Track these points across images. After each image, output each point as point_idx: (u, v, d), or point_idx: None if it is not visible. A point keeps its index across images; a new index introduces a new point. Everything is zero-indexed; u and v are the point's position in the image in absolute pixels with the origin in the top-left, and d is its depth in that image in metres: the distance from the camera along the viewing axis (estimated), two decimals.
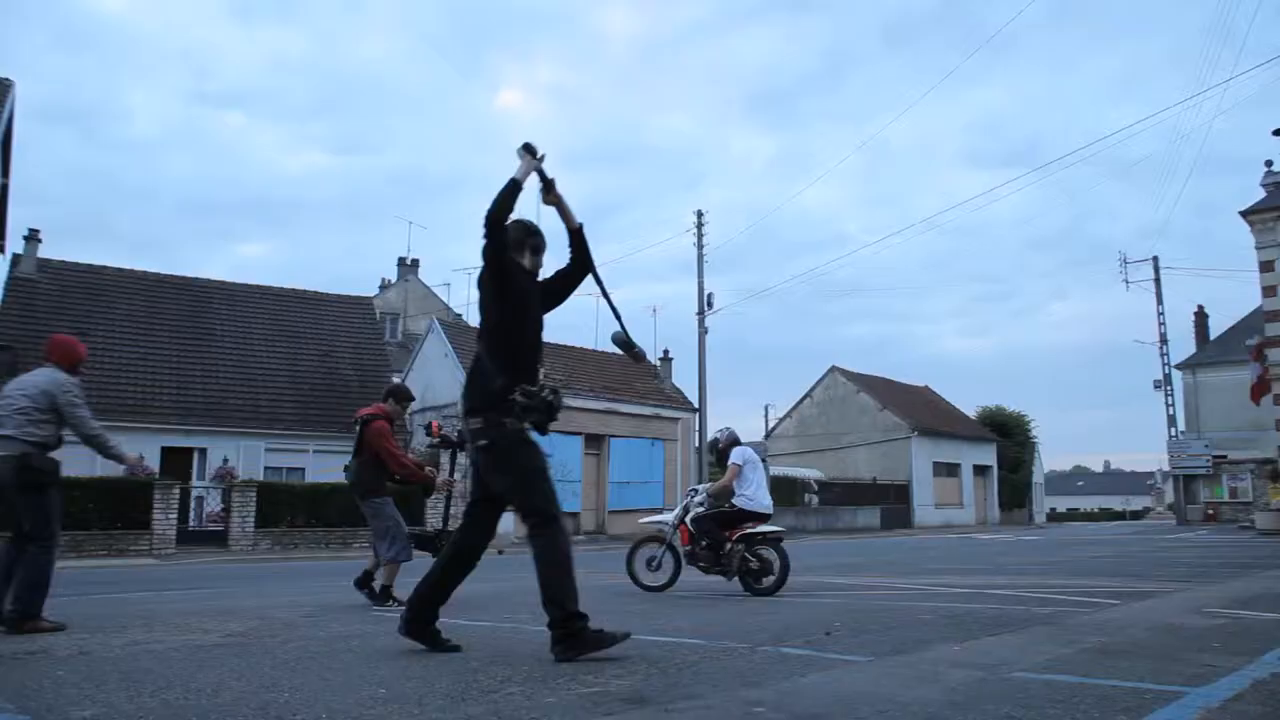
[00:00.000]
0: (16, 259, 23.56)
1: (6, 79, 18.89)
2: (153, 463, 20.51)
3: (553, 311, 4.48)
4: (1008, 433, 47.48)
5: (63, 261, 24.95)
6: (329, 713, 2.92)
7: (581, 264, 4.45)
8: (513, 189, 4.09)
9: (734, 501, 7.86)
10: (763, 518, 7.82)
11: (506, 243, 4.11)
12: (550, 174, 4.33)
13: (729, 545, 7.60)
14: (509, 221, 4.12)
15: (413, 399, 8.82)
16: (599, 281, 4.56)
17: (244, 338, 25.89)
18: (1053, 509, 67.79)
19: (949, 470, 42.31)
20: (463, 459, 7.26)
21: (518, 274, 4.17)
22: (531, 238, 4.26)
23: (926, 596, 7.30)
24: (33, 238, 24.03)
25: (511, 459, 4.11)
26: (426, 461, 7.89)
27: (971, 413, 48.95)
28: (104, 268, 25.66)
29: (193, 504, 20.60)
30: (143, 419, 21.33)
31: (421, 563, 5.63)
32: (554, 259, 4.52)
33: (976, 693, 3.18)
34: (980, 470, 44.69)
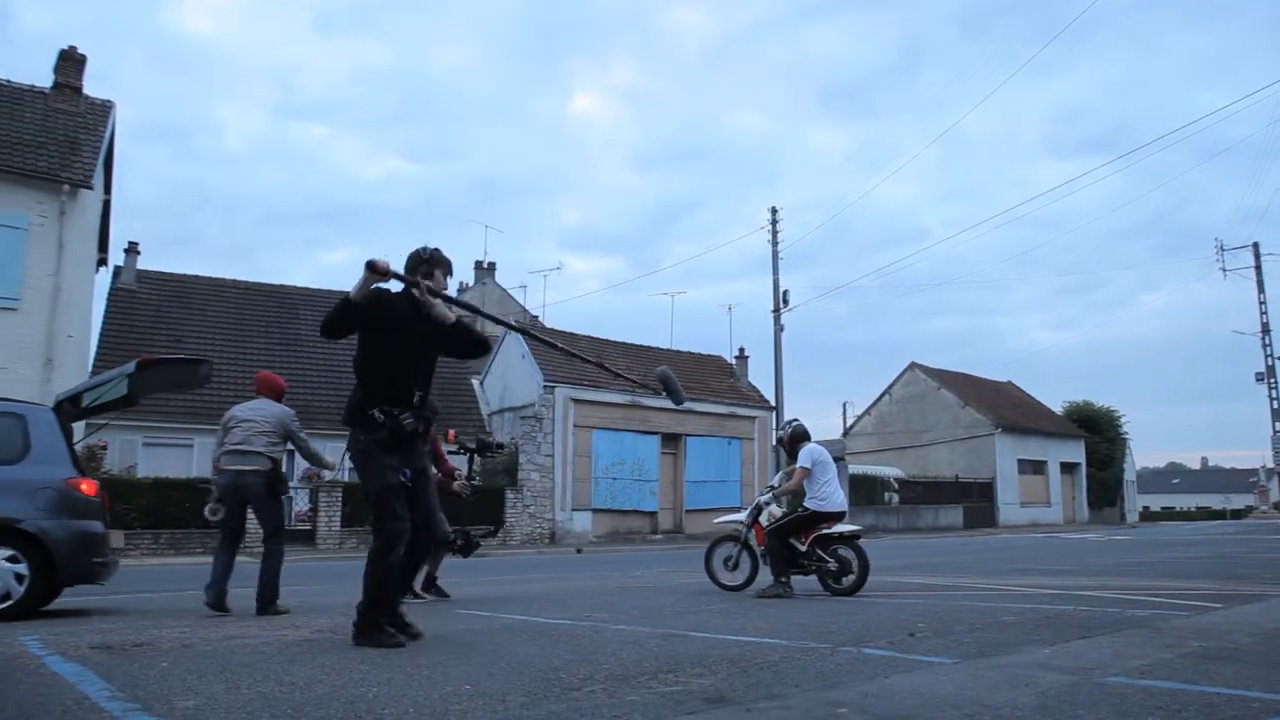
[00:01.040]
0: (118, 271, 24.78)
1: (108, 100, 19.83)
2: None
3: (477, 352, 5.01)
4: (1096, 429, 45.86)
5: (159, 272, 26.12)
6: (415, 708, 2.99)
7: (472, 343, 4.90)
8: (343, 308, 4.48)
9: (805, 504, 7.66)
10: (837, 517, 7.69)
11: (346, 327, 4.57)
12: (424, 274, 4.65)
13: (804, 547, 7.49)
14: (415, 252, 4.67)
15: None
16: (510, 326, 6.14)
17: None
18: (1146, 507, 65.25)
19: (1035, 468, 41.09)
20: (479, 464, 7.81)
21: (376, 314, 4.50)
22: (422, 265, 4.63)
23: (1012, 597, 7.10)
24: (132, 250, 25.24)
25: (362, 469, 4.58)
26: (456, 469, 8.06)
27: (1058, 408, 47.44)
28: (196, 277, 26.75)
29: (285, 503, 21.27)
30: None
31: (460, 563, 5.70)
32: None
33: (1069, 698, 3.08)
34: (1068, 468, 43.29)
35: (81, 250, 18.15)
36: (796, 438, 8.03)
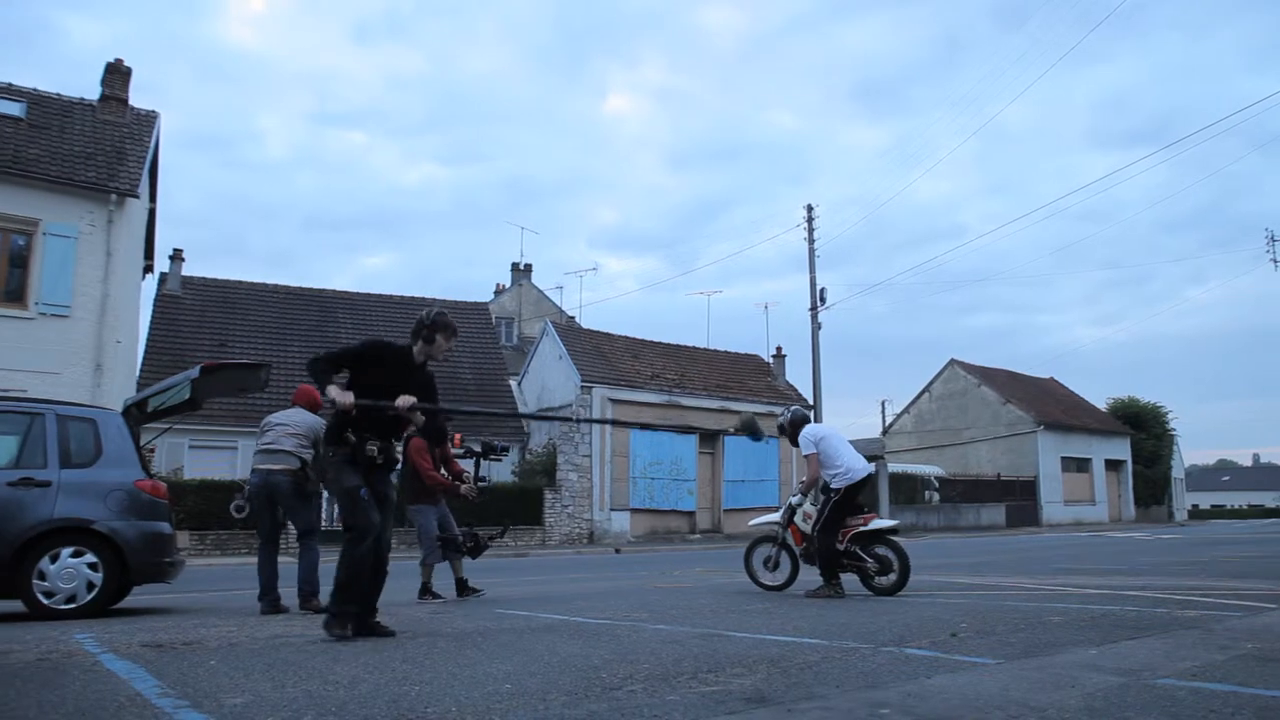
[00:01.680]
0: (163, 277, 25.35)
1: (152, 111, 20.26)
2: None
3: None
4: (1142, 425, 44.94)
5: (203, 278, 26.64)
6: (458, 706, 3.02)
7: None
8: (327, 368, 4.89)
9: (831, 485, 7.45)
10: (865, 483, 7.48)
11: (331, 373, 4.92)
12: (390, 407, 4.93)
13: (843, 546, 7.37)
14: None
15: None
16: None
17: None
18: (1194, 505, 63.84)
19: (1079, 465, 40.39)
20: (485, 468, 8.21)
21: (373, 358, 4.98)
22: (424, 330, 5.08)
23: (1057, 597, 6.99)
24: (177, 257, 25.81)
25: (332, 478, 5.05)
26: (465, 470, 8.11)
27: (1102, 405, 46.58)
28: (239, 283, 27.23)
29: (324, 504, 21.59)
30: None
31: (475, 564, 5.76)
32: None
33: (1117, 699, 3.02)
34: (1113, 465, 42.49)
35: (129, 258, 18.56)
36: (796, 424, 7.87)
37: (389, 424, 5.06)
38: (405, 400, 4.85)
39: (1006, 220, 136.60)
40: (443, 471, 7.83)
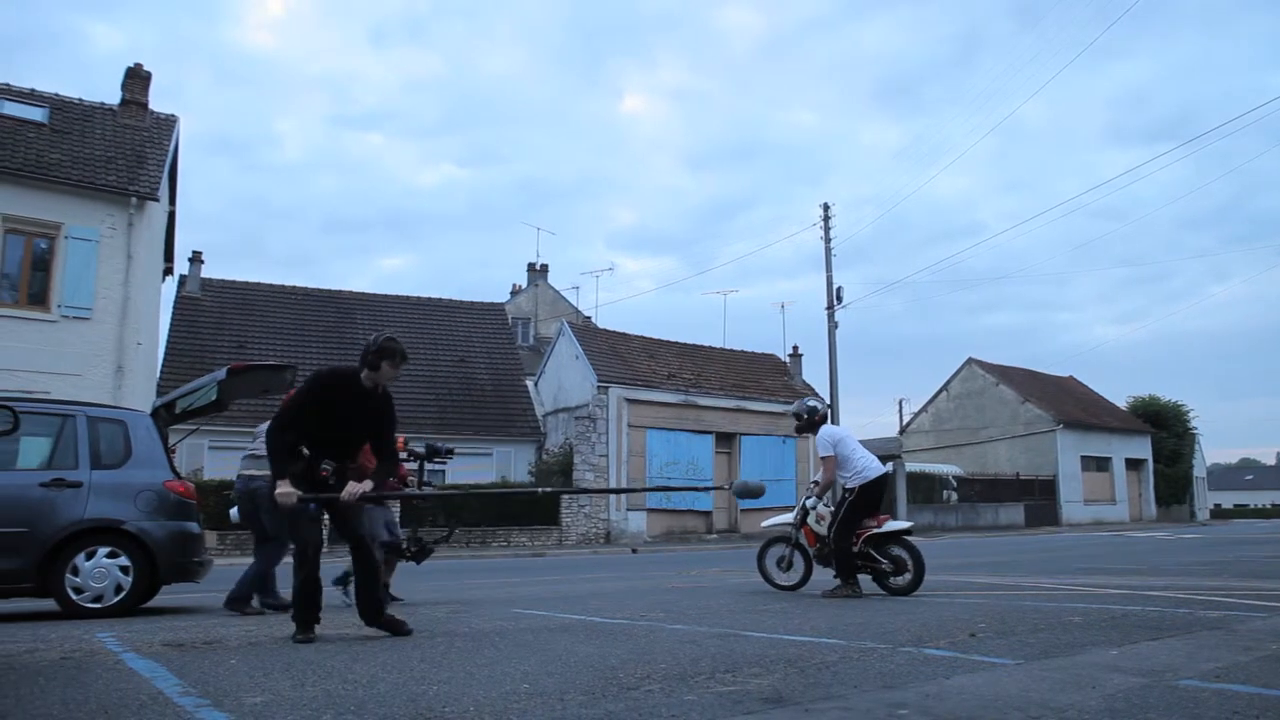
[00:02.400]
0: (183, 280, 25.57)
1: (172, 115, 20.44)
2: None
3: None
4: (1163, 424, 44.52)
5: (222, 280, 26.86)
6: (476, 705, 3.03)
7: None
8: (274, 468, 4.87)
9: (846, 486, 7.48)
10: (883, 483, 7.49)
11: (291, 448, 4.90)
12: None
13: (857, 547, 7.36)
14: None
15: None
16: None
17: None
18: (1217, 505, 63.20)
19: (1099, 464, 40.05)
20: (429, 470, 8.19)
21: (326, 388, 4.94)
22: (369, 356, 4.91)
23: (1077, 597, 6.93)
24: (196, 259, 26.03)
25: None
26: (411, 473, 8.07)
27: (1122, 404, 46.17)
28: (258, 284, 27.44)
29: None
30: None
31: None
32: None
33: (1139, 701, 3.00)
34: (1134, 464, 42.11)
35: (149, 260, 18.72)
36: (815, 421, 7.88)
37: (344, 445, 5.05)
38: (353, 491, 4.81)
39: (1024, 218, 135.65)
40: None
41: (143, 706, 3.07)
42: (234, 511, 7.27)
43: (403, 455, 8.29)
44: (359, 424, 5.01)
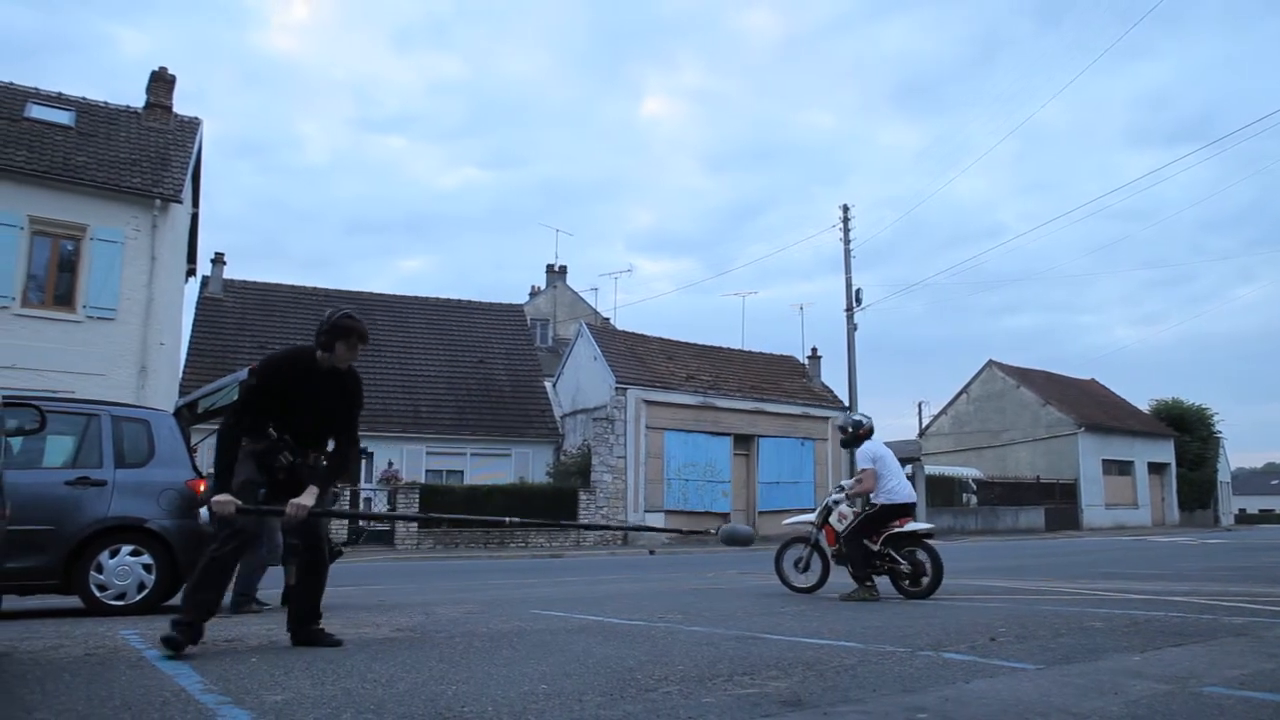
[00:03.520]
0: (205, 281, 25.84)
1: (195, 118, 20.65)
2: None
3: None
4: (1187, 427, 44.01)
5: (244, 281, 27.12)
6: (494, 706, 3.04)
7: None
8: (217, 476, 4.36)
9: (874, 499, 7.56)
10: (908, 509, 7.54)
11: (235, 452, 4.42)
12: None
13: (876, 547, 7.38)
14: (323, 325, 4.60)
15: None
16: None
17: (404, 347, 27.29)
18: (1242, 510, 62.36)
19: (1120, 468, 39.65)
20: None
21: (271, 393, 4.47)
22: (324, 336, 4.51)
23: (1098, 602, 6.87)
24: (219, 261, 26.32)
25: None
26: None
27: (1145, 407, 45.69)
28: (279, 286, 27.67)
29: (361, 505, 21.86)
30: None
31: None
32: None
33: (1163, 708, 2.96)
34: (1156, 468, 41.66)
35: (172, 262, 18.92)
36: (859, 436, 7.94)
37: (303, 434, 4.53)
38: (298, 509, 4.28)
39: (1045, 219, 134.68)
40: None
41: (165, 703, 3.10)
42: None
43: None
44: (318, 410, 4.52)
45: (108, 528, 6.62)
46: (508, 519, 5.97)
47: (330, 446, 4.75)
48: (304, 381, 4.49)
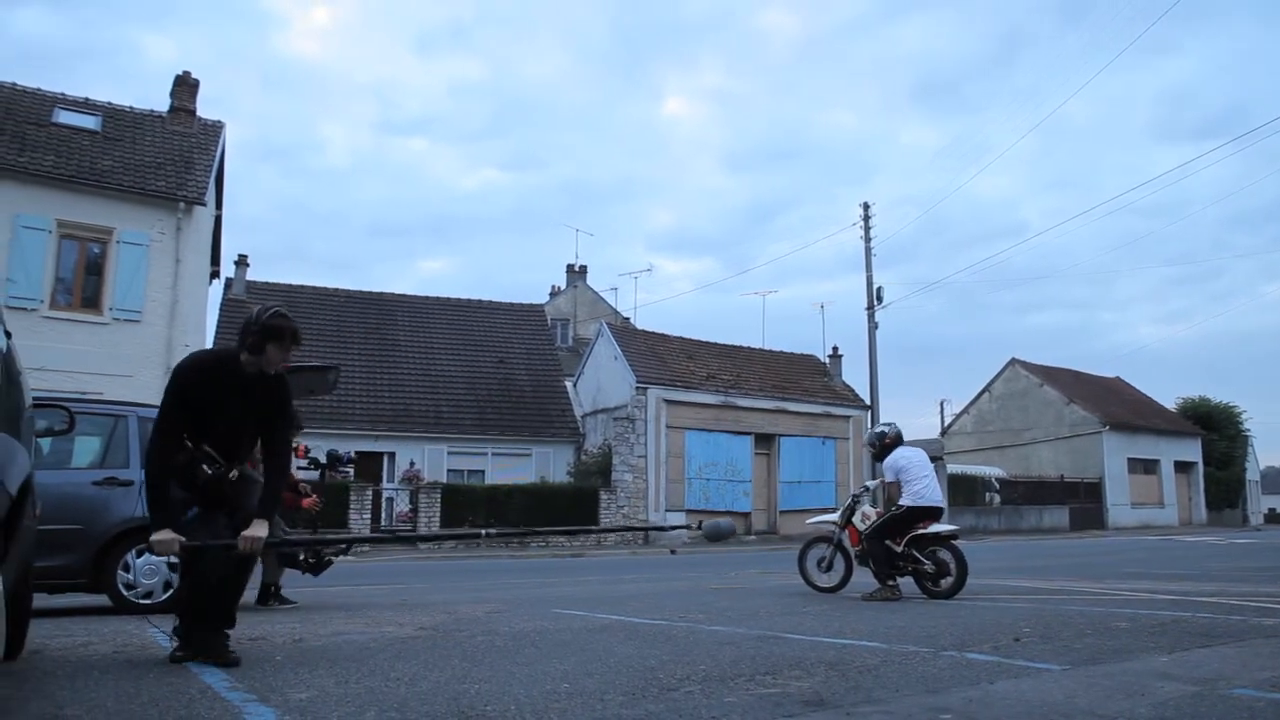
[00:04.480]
0: (229, 282, 26.10)
1: (218, 121, 20.87)
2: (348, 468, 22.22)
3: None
4: (1214, 426, 43.45)
5: (267, 283, 27.36)
6: (516, 705, 3.05)
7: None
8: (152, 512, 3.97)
9: (900, 501, 7.53)
10: (934, 512, 7.51)
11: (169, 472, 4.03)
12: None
13: (900, 548, 7.34)
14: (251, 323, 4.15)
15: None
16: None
17: (426, 347, 27.44)
18: (1271, 509, 61.49)
19: (1146, 467, 39.20)
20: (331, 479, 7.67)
21: (190, 401, 4.07)
22: (251, 338, 4.08)
23: (1124, 602, 6.80)
24: (242, 263, 26.58)
25: None
26: (302, 482, 7.86)
27: (1170, 405, 45.15)
28: (302, 287, 27.89)
29: (384, 505, 22.01)
30: (337, 425, 23.00)
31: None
32: None
33: (1191, 710, 2.93)
34: (1183, 467, 41.15)
35: (196, 264, 19.12)
36: (888, 445, 7.93)
37: (224, 444, 4.09)
38: (252, 543, 3.88)
39: (1068, 216, 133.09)
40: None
41: (192, 701, 3.14)
42: None
43: (302, 464, 8.09)
44: (241, 418, 4.09)
45: (135, 527, 6.69)
46: (483, 531, 5.88)
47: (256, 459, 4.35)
48: (227, 387, 4.06)
